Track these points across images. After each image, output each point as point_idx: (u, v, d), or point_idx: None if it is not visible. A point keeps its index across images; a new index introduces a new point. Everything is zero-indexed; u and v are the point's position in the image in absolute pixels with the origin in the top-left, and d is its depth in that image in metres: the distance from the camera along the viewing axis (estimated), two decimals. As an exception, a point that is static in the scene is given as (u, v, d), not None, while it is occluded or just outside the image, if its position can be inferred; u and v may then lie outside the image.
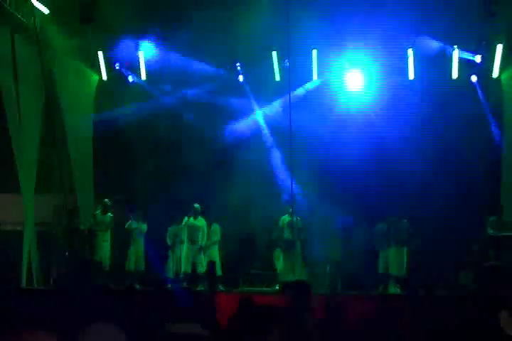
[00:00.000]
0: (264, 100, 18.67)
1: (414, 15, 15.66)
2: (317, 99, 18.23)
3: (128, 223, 16.95)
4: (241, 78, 18.45)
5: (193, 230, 16.64)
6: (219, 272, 16.39)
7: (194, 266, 16.57)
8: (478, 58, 16.85)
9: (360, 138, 18.07)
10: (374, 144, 18.02)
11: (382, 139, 17.87)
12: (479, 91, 17.50)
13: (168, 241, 17.03)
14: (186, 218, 16.75)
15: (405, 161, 17.58)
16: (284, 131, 16.74)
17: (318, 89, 18.22)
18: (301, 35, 15.88)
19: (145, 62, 17.90)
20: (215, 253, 16.72)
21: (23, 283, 15.42)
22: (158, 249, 16.97)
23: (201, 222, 16.69)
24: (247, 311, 7.85)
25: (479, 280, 13.95)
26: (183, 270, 16.59)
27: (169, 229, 17.10)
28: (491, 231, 14.91)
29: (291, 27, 14.12)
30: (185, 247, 16.67)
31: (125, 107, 18.49)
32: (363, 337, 6.23)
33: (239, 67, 18.22)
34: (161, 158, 18.49)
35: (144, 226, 16.94)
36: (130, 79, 18.45)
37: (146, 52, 17.78)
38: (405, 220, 16.04)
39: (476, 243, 14.95)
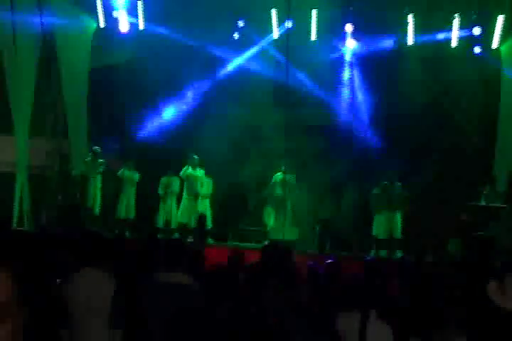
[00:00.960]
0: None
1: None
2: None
3: (120, 171, 16.98)
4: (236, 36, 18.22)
5: (192, 181, 16.66)
6: (209, 225, 16.53)
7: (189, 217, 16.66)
8: (477, 30, 16.66)
9: (360, 99, 18.16)
10: (369, 107, 18.09)
11: (378, 101, 17.90)
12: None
13: (160, 192, 17.04)
14: (185, 169, 16.75)
15: (399, 126, 17.65)
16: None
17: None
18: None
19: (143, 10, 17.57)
20: (207, 207, 16.77)
21: (14, 225, 15.49)
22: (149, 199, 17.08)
23: (200, 172, 16.72)
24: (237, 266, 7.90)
25: (468, 249, 14.04)
26: (178, 220, 16.66)
27: (161, 179, 17.08)
28: (483, 202, 14.94)
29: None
30: (184, 198, 16.72)
31: (121, 55, 18.38)
32: (347, 299, 6.22)
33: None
34: (157, 106, 18.41)
35: (136, 175, 17.00)
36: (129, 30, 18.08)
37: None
38: (399, 184, 16.05)
39: (466, 212, 14.97)
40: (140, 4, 17.35)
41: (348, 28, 17.08)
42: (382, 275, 7.67)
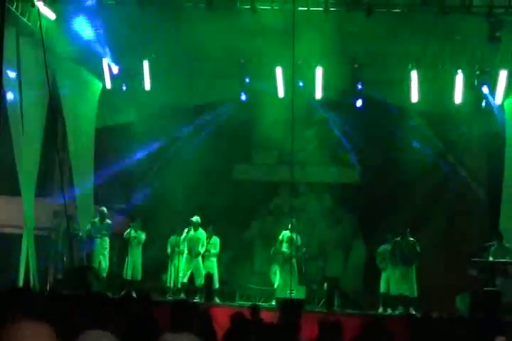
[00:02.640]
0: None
1: (419, 37, 15.75)
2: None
3: (127, 231, 17.01)
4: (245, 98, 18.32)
5: (193, 242, 16.64)
6: (216, 285, 16.46)
7: (192, 277, 16.57)
8: (485, 89, 16.80)
9: (365, 155, 18.29)
10: (376, 163, 18.19)
11: (385, 158, 17.99)
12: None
13: (168, 251, 17.00)
14: (186, 230, 16.75)
15: (407, 183, 17.73)
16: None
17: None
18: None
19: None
20: (213, 266, 16.73)
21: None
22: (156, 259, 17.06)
23: (201, 234, 16.69)
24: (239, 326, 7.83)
25: (474, 304, 13.94)
26: (181, 280, 16.57)
27: (170, 238, 17.06)
28: (490, 258, 14.89)
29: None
30: (184, 258, 16.66)
31: (127, 116, 18.58)
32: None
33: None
34: (160, 168, 18.52)
35: (143, 235, 17.01)
36: (134, 91, 18.27)
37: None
38: (412, 239, 15.94)
39: (475, 268, 14.91)
40: (146, 65, 17.51)
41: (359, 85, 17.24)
42: (384, 332, 7.64)
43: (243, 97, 18.26)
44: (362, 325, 8.20)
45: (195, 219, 16.65)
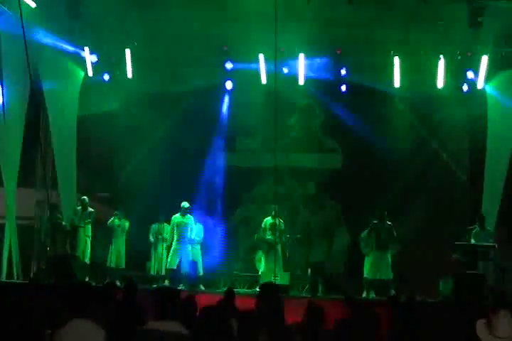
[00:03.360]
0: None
1: (401, 23, 15.77)
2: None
3: (110, 220, 17.00)
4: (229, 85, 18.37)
5: (181, 227, 16.63)
6: (201, 272, 16.52)
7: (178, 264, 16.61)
8: (470, 74, 16.91)
9: (347, 141, 18.33)
10: (359, 149, 18.24)
11: (366, 144, 18.04)
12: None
13: (151, 239, 17.03)
14: (174, 216, 16.74)
15: (390, 168, 17.80)
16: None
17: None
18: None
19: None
20: (198, 253, 16.75)
21: (3, 277, 15.43)
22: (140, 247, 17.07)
23: (189, 219, 16.70)
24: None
25: (458, 288, 14.02)
26: (168, 267, 16.57)
27: (151, 226, 17.10)
28: (472, 241, 14.97)
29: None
30: (173, 245, 16.63)
31: (110, 105, 18.53)
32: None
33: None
34: (144, 155, 18.51)
35: (127, 224, 17.05)
36: (116, 80, 18.20)
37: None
38: (389, 223, 16.00)
39: (459, 252, 15.00)
40: (128, 53, 17.45)
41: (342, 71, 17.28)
42: (371, 315, 7.67)
43: (226, 84, 18.22)
44: (351, 310, 8.29)
45: (184, 204, 16.65)
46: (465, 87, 17.26)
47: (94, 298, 6.68)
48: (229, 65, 17.79)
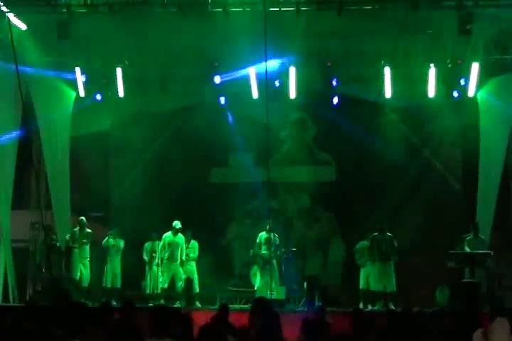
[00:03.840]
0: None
1: (391, 33, 15.83)
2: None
3: (105, 239, 16.95)
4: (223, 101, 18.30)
5: (172, 247, 16.58)
6: (196, 289, 16.48)
7: (173, 282, 16.54)
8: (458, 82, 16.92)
9: (341, 153, 18.35)
10: (352, 160, 18.28)
11: (359, 155, 18.09)
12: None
13: (145, 258, 17.01)
14: (165, 235, 16.71)
15: (383, 178, 17.84)
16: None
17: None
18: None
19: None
20: (193, 270, 16.72)
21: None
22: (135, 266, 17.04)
23: (180, 238, 16.66)
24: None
25: (454, 297, 14.02)
26: (160, 286, 16.52)
27: (145, 245, 17.08)
28: (467, 250, 14.98)
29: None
30: (164, 264, 16.59)
31: (102, 124, 18.56)
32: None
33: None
34: (137, 173, 18.53)
35: (121, 243, 17.00)
36: (108, 99, 18.18)
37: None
38: (389, 234, 15.98)
39: (454, 260, 15.00)
40: (119, 72, 17.45)
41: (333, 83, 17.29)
42: (369, 326, 7.68)
43: (218, 100, 18.22)
44: (353, 321, 8.29)
45: (176, 224, 16.62)
46: (456, 95, 17.18)
47: (90, 318, 6.70)
48: (218, 80, 17.63)
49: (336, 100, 17.76)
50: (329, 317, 10.14)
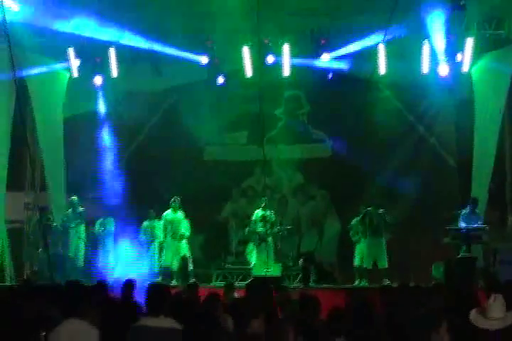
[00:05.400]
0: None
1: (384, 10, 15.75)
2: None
3: (99, 220, 16.99)
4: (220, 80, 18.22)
5: (175, 224, 16.55)
6: (190, 266, 16.46)
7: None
8: (459, 56, 16.83)
9: (335, 130, 18.34)
10: (345, 137, 18.28)
11: (354, 132, 18.08)
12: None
13: (142, 237, 16.98)
14: (167, 212, 16.65)
15: (377, 155, 17.84)
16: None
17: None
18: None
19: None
20: (186, 248, 16.73)
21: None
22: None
23: (181, 215, 16.62)
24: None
25: (450, 272, 14.06)
26: (163, 264, 16.52)
27: (142, 224, 17.08)
28: (462, 224, 15.02)
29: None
30: (167, 242, 16.56)
31: (95, 106, 18.54)
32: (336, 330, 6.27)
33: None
34: (132, 153, 18.56)
35: (112, 225, 16.99)
36: (102, 80, 18.07)
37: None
38: (381, 210, 15.98)
39: (449, 236, 15.05)
40: (113, 52, 17.41)
41: (325, 57, 17.22)
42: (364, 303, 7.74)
43: (212, 79, 18.14)
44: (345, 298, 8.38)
45: (176, 200, 16.56)
46: (450, 71, 17.12)
47: (86, 297, 6.73)
48: (215, 60, 17.63)
49: (330, 77, 17.69)
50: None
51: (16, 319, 6.99)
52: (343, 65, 17.60)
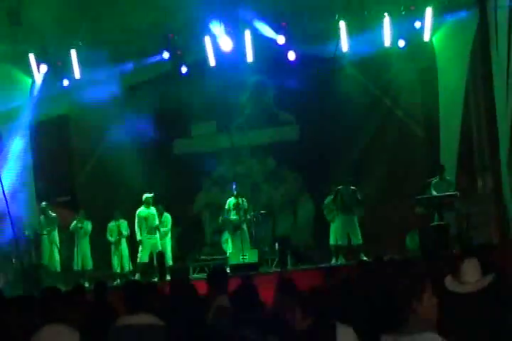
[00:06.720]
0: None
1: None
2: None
3: (73, 223, 16.98)
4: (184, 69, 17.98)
5: (148, 219, 16.62)
6: (169, 262, 16.53)
7: (152, 257, 16.59)
8: (418, 24, 16.81)
9: (302, 111, 18.42)
10: (313, 118, 18.30)
11: (321, 112, 18.10)
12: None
13: (109, 238, 16.99)
14: (140, 210, 16.70)
15: (346, 133, 17.90)
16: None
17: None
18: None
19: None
20: (167, 243, 16.80)
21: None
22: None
23: (153, 210, 16.71)
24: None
25: (424, 241, 14.13)
26: (139, 260, 16.62)
27: (109, 225, 17.08)
28: (434, 193, 15.08)
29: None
30: (143, 238, 16.59)
31: (61, 108, 18.44)
32: (317, 310, 6.29)
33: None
34: (101, 154, 18.50)
35: (89, 225, 17.03)
36: (65, 83, 17.94)
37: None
38: (352, 188, 16.05)
39: (421, 205, 15.15)
40: (74, 53, 17.35)
41: (281, 40, 17.17)
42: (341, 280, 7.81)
43: (178, 71, 18.01)
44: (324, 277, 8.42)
45: (147, 195, 16.64)
46: (412, 41, 17.13)
47: (64, 301, 6.73)
48: (176, 53, 17.56)
49: (292, 57, 17.62)
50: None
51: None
52: (305, 46, 17.60)
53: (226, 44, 16.94)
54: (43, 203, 16.99)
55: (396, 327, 4.68)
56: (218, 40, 17.00)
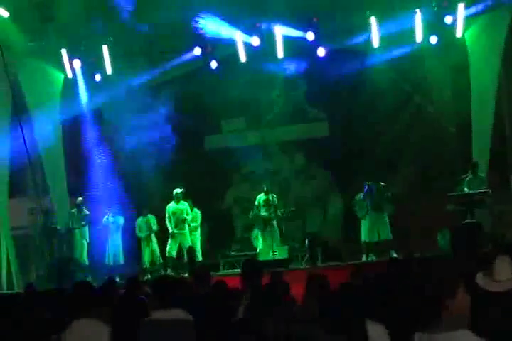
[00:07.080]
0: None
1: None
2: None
3: (105, 218, 17.10)
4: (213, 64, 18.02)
5: (177, 214, 16.66)
6: (199, 257, 16.60)
7: (181, 252, 16.68)
8: (449, 19, 16.72)
9: (332, 107, 18.35)
10: (343, 114, 18.25)
11: (351, 108, 18.05)
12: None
13: (140, 234, 17.12)
14: (169, 205, 16.76)
15: (376, 129, 17.83)
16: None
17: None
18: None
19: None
20: (197, 239, 16.86)
21: (4, 288, 15.51)
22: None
23: (184, 204, 16.75)
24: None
25: (456, 239, 14.01)
26: (168, 255, 16.68)
27: (137, 220, 17.23)
28: (466, 190, 14.99)
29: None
30: (173, 233, 16.63)
31: (92, 104, 18.54)
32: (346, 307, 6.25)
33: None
34: (132, 148, 18.59)
35: (121, 220, 17.15)
36: (97, 78, 18.06)
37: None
38: (382, 184, 16.01)
39: (453, 203, 15.05)
40: (106, 49, 17.41)
41: (310, 36, 17.12)
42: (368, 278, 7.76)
43: (209, 67, 18.02)
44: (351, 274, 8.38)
45: (177, 190, 16.68)
46: (444, 37, 17.04)
47: (95, 296, 6.77)
48: (207, 49, 17.58)
49: (322, 53, 17.58)
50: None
51: (26, 325, 7.03)
52: (336, 42, 17.55)
53: (255, 40, 16.89)
54: (80, 198, 17.15)
55: (430, 325, 4.65)
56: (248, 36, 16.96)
